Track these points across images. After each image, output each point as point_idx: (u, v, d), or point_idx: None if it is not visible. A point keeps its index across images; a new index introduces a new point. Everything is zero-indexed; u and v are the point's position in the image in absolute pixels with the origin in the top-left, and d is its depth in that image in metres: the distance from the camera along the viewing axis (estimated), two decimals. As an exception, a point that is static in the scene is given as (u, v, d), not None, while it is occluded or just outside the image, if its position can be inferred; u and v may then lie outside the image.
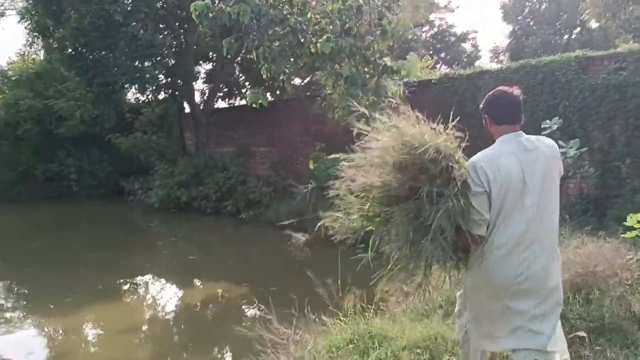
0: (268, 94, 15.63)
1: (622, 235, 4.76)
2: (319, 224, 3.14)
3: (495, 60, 28.57)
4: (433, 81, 11.13)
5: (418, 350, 3.59)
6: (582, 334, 3.52)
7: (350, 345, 3.60)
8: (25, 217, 17.40)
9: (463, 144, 2.75)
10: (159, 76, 16.01)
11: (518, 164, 2.65)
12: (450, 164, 2.62)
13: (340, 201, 3.01)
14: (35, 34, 18.27)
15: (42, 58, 21.66)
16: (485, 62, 28.96)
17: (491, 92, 2.91)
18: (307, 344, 3.76)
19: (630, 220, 4.69)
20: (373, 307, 4.40)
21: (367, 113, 9.38)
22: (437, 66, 25.17)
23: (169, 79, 17.01)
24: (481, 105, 2.95)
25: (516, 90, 2.84)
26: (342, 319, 4.27)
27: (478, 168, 2.64)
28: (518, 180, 2.63)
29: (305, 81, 16.50)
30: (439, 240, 2.61)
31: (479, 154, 2.72)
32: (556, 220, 2.80)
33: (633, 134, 8.12)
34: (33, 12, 16.52)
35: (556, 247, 2.84)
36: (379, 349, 3.49)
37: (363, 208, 2.90)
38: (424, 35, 27.07)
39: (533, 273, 2.68)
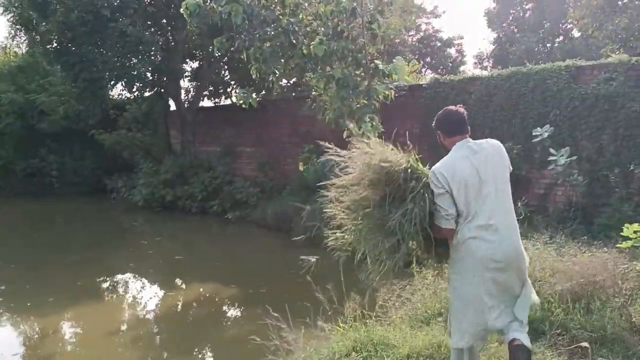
0: (254, 94, 15.52)
1: (618, 245, 4.80)
2: (327, 241, 3.63)
3: (480, 66, 28.79)
4: (424, 85, 11.15)
5: (421, 359, 3.58)
6: (585, 344, 3.53)
7: (354, 353, 3.56)
8: (5, 214, 17.06)
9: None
10: (146, 73, 15.83)
11: (470, 164, 3.16)
12: (406, 175, 3.19)
13: (335, 220, 3.52)
14: (18, 26, 17.92)
15: (24, 51, 21.30)
16: (469, 68, 29.21)
17: (440, 112, 3.45)
18: (314, 351, 3.71)
19: (627, 230, 4.73)
20: (374, 314, 4.37)
21: (354, 122, 9.38)
22: (423, 70, 25.27)
23: (156, 76, 16.84)
24: (434, 124, 3.47)
25: (460, 108, 3.42)
26: (341, 325, 4.24)
27: (437, 174, 3.16)
28: (474, 177, 3.13)
29: (292, 82, 16.43)
30: (401, 242, 3.16)
31: (438, 163, 3.24)
32: (512, 206, 3.28)
33: (622, 144, 8.21)
34: (17, 5, 16.18)
35: (517, 226, 3.27)
36: (385, 358, 3.46)
37: (355, 222, 3.41)
38: (410, 39, 27.18)
39: (504, 252, 3.09)
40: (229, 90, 18.69)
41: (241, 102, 10.71)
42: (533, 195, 9.44)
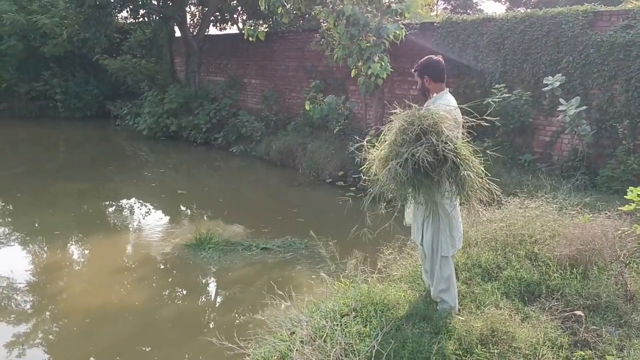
0: (264, 26, 15.10)
1: (620, 208, 4.81)
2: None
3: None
4: (436, 24, 10.83)
5: (417, 320, 3.67)
6: (579, 313, 3.62)
7: (353, 313, 3.66)
8: (8, 136, 17.06)
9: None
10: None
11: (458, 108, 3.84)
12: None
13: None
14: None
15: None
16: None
17: (428, 59, 4.08)
18: (315, 307, 3.80)
19: (631, 194, 4.72)
20: (376, 270, 4.45)
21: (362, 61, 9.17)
22: (436, 1, 24.48)
23: (161, 1, 16.36)
24: (419, 69, 4.08)
25: (441, 59, 4.09)
26: (342, 280, 4.33)
27: (454, 109, 3.78)
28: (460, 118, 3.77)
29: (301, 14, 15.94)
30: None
31: (451, 101, 3.92)
32: None
33: (633, 95, 8.05)
34: None
35: None
36: (383, 320, 3.54)
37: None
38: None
39: None
40: (235, 16, 18.21)
41: (249, 36, 10.49)
42: (538, 143, 9.40)
